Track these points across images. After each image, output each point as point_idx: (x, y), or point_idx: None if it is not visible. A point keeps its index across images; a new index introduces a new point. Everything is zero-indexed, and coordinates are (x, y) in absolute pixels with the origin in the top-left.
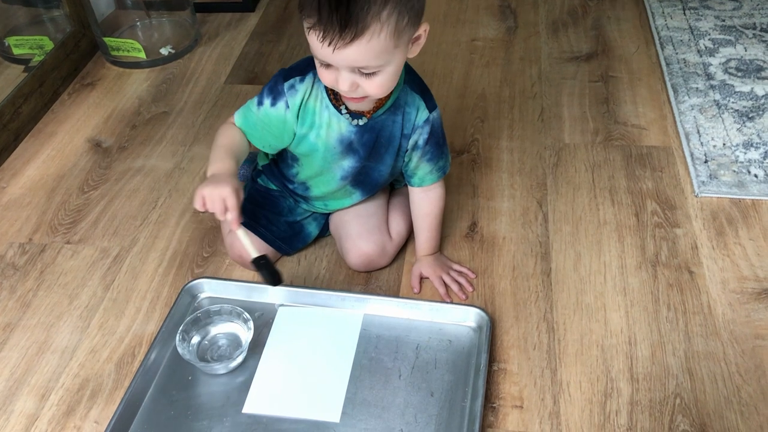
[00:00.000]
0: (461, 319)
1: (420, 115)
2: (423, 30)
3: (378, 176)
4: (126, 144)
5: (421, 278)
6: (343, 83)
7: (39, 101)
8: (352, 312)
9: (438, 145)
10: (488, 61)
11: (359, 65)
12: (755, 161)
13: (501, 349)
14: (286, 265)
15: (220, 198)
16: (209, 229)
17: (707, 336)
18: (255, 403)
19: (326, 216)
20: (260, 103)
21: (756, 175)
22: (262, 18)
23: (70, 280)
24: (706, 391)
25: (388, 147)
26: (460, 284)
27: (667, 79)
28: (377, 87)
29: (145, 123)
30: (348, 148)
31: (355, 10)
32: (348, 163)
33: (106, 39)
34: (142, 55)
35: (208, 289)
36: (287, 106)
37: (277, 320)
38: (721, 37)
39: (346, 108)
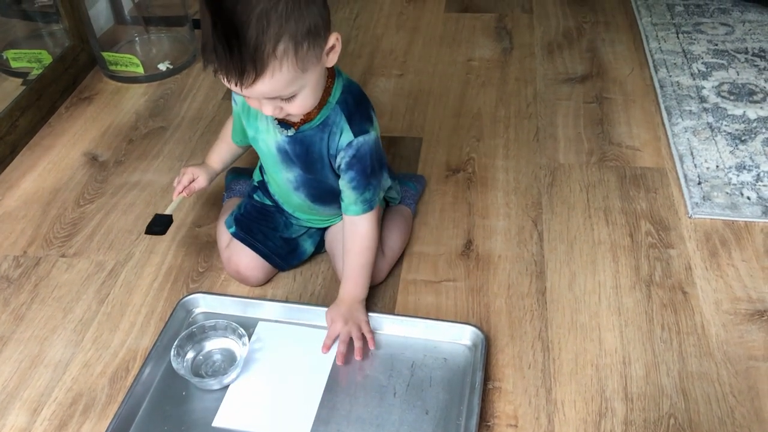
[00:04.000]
0: (456, 337)
1: (343, 137)
2: (334, 39)
3: (331, 189)
4: (123, 158)
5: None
6: (267, 110)
7: (36, 114)
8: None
9: (364, 174)
10: (484, 81)
11: (272, 96)
12: (748, 183)
13: (496, 367)
14: (281, 281)
15: (188, 171)
16: (205, 244)
17: (701, 356)
18: (226, 418)
19: (322, 233)
20: None
21: (749, 198)
22: None
23: (64, 294)
24: (700, 411)
25: (321, 162)
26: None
27: (661, 101)
28: (299, 107)
29: (142, 138)
30: (286, 156)
31: (248, 55)
32: (293, 175)
33: (104, 53)
34: (140, 70)
35: (204, 304)
36: (235, 102)
37: (256, 335)
38: (714, 60)
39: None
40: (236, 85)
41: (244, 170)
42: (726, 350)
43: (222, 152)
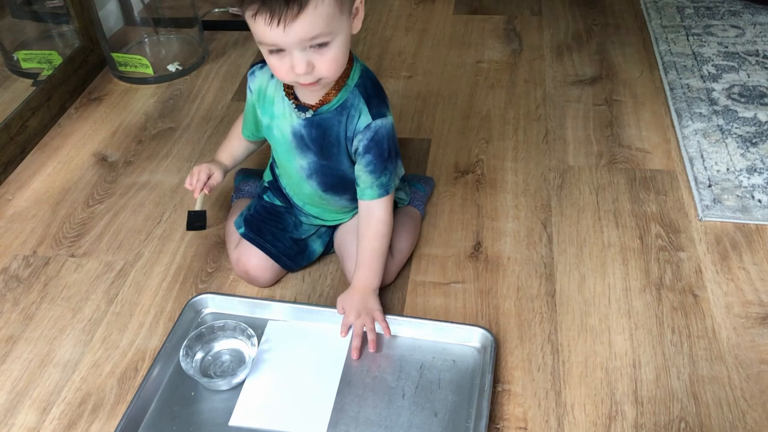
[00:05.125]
0: (465, 339)
1: (361, 120)
2: (360, 1)
3: (344, 176)
4: (132, 159)
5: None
6: (299, 64)
7: (46, 115)
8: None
9: (381, 158)
10: (493, 83)
11: (311, 35)
12: (759, 186)
13: (505, 369)
14: (290, 282)
15: (202, 168)
16: (214, 245)
17: (712, 360)
18: (242, 416)
19: (331, 234)
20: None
21: (760, 200)
22: None
23: (73, 294)
24: (711, 415)
25: (338, 147)
26: (363, 341)
27: (670, 103)
28: (330, 62)
29: (152, 138)
30: (301, 142)
31: None
32: (306, 161)
33: (114, 54)
34: (150, 71)
35: (212, 304)
36: (251, 91)
37: (266, 334)
38: (724, 63)
39: (296, 99)
40: (279, 23)
41: (254, 171)
42: (737, 354)
43: (232, 149)
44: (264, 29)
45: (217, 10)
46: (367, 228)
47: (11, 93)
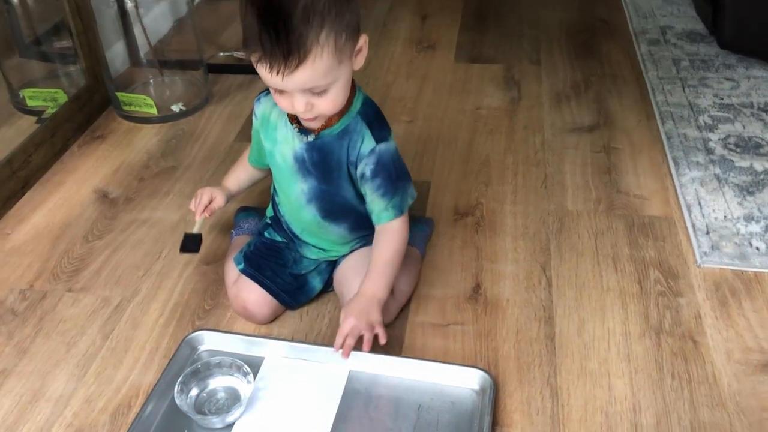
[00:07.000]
0: (464, 381)
1: (365, 144)
2: (363, 41)
3: (343, 203)
4: (133, 196)
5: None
6: (299, 105)
7: (49, 151)
8: (338, 367)
9: (390, 179)
10: (492, 129)
11: (309, 86)
12: (757, 234)
13: (504, 412)
14: (288, 321)
15: (205, 191)
16: (212, 282)
17: (713, 406)
18: None
19: (330, 270)
20: None
21: (758, 248)
22: None
23: (69, 328)
24: None
25: (339, 171)
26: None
27: (668, 152)
28: (330, 103)
29: (153, 176)
30: (302, 166)
31: (294, 39)
32: (307, 186)
33: (118, 93)
34: (154, 111)
35: (209, 341)
36: (256, 117)
37: (262, 372)
38: (720, 114)
39: (299, 123)
40: (278, 73)
41: (254, 209)
42: (739, 401)
43: (238, 175)
44: (265, 74)
45: (222, 53)
46: (384, 238)
47: (15, 129)
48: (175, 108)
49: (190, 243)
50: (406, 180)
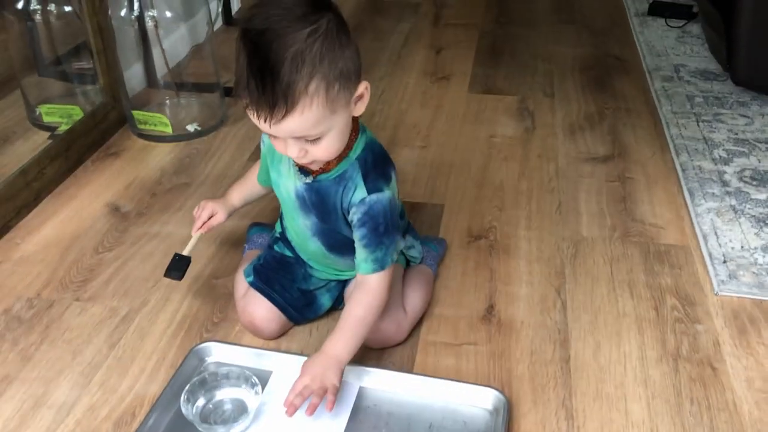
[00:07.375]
0: (477, 401)
1: (357, 193)
2: (363, 88)
3: (346, 240)
4: (144, 210)
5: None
6: (292, 151)
7: (63, 165)
8: (348, 383)
9: (376, 232)
10: (506, 156)
11: (298, 135)
12: None
13: None
14: (297, 335)
15: (207, 206)
16: (221, 295)
17: None
18: None
19: (341, 289)
20: None
21: None
22: None
23: (75, 336)
24: None
25: (336, 214)
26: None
27: (683, 183)
28: (324, 150)
29: (166, 192)
30: (303, 203)
31: (280, 89)
32: (310, 222)
33: (134, 112)
34: (169, 130)
35: (217, 352)
36: (263, 143)
37: (270, 385)
38: (735, 148)
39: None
40: (265, 121)
41: (267, 225)
42: (760, 429)
43: (244, 189)
44: (255, 120)
45: None
46: (358, 293)
47: (30, 144)
48: (190, 128)
49: (176, 267)
50: (394, 235)
